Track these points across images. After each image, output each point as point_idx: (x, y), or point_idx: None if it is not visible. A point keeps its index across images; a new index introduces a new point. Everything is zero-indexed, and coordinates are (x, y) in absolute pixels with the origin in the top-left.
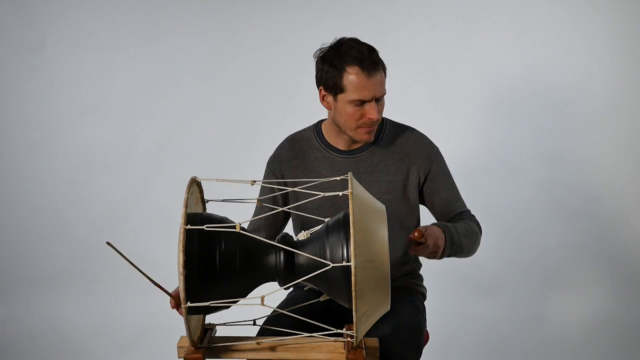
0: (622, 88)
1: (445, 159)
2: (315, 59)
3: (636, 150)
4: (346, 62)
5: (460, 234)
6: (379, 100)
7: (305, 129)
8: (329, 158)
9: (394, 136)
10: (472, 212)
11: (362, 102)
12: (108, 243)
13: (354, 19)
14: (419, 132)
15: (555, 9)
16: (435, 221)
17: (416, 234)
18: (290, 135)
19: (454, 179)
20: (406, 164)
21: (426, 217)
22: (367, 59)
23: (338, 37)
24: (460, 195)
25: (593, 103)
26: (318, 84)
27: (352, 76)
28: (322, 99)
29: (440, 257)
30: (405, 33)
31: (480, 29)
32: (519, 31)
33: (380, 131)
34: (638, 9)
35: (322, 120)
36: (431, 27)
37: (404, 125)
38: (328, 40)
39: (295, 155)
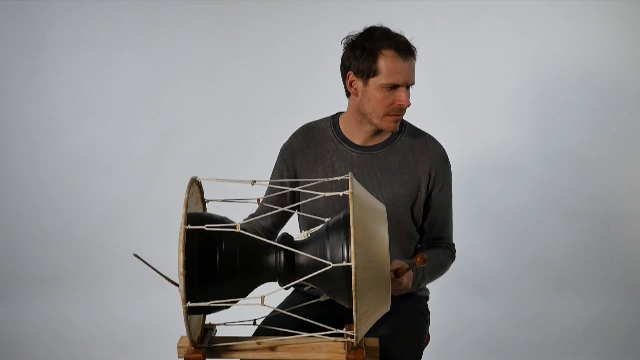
0: (622, 88)
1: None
2: (344, 45)
3: (636, 150)
4: (382, 45)
5: (423, 279)
6: (408, 88)
7: (321, 120)
8: (343, 151)
9: (412, 139)
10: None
11: (393, 87)
12: (135, 255)
13: (355, 19)
14: (437, 140)
15: (556, 9)
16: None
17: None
18: (306, 124)
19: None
20: (420, 170)
21: None
22: (403, 43)
23: (368, 26)
24: (451, 223)
25: (593, 103)
26: (346, 69)
27: (387, 58)
28: (350, 85)
29: (398, 294)
30: (405, 33)
31: (480, 29)
32: (519, 31)
33: (398, 132)
34: (638, 9)
35: (340, 113)
36: (431, 27)
37: (423, 131)
38: (328, 40)
39: (309, 145)
